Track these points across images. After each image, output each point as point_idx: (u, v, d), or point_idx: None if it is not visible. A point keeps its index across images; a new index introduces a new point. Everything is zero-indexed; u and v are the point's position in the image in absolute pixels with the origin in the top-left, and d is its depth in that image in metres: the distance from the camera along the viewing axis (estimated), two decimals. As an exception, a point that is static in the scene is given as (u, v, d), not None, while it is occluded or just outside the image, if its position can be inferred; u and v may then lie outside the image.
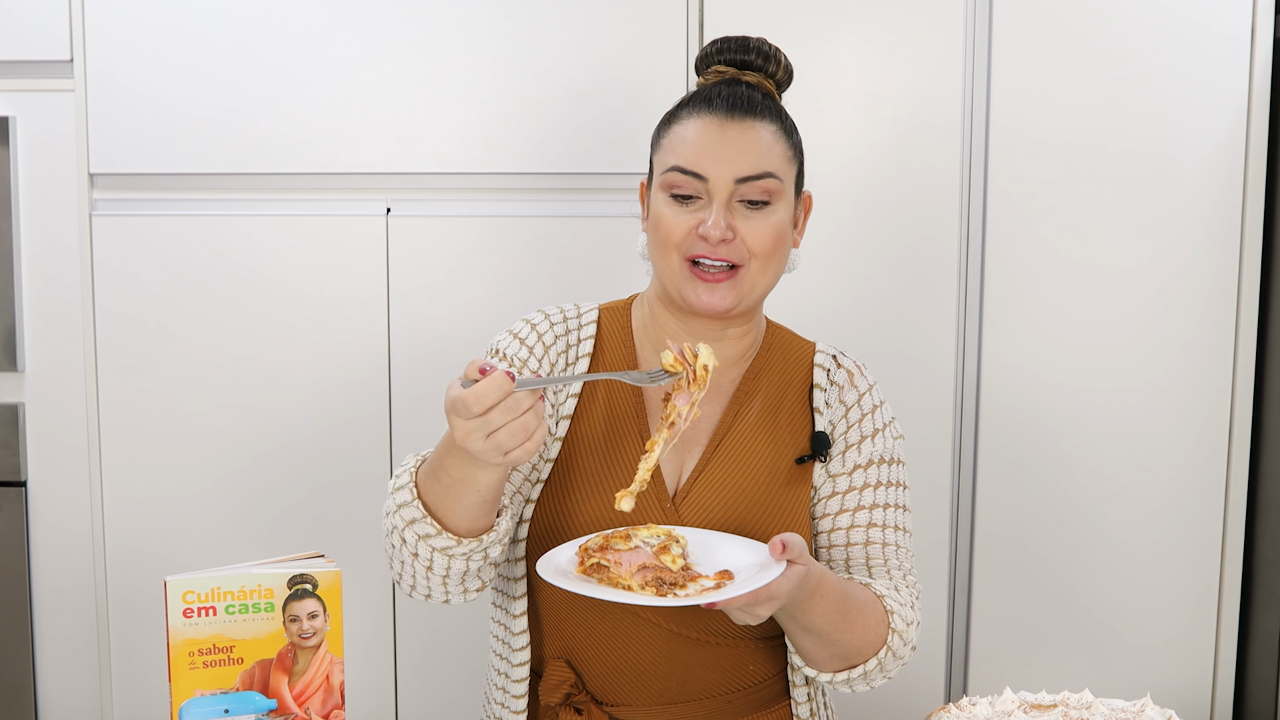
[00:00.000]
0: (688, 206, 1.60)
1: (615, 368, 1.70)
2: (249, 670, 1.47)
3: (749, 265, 1.60)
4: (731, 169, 1.58)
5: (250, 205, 2.41)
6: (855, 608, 1.58)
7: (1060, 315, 2.41)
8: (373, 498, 2.44)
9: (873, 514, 1.68)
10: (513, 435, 1.36)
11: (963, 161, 2.39)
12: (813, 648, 1.59)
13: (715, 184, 1.58)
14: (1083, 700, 1.56)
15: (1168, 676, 2.49)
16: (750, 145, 1.59)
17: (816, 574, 1.50)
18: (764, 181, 1.59)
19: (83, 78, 2.37)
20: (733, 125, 1.60)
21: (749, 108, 1.62)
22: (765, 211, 1.60)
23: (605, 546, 1.48)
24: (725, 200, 1.58)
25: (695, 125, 1.61)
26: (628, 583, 1.44)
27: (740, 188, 1.58)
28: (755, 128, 1.61)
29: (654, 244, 1.63)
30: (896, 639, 1.61)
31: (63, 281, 2.41)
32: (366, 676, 2.48)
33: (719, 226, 1.57)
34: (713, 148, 1.59)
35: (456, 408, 1.34)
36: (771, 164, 1.60)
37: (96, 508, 2.45)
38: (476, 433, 1.35)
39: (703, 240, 1.58)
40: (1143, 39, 2.35)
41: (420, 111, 2.38)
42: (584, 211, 2.40)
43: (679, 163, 1.60)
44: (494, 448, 1.36)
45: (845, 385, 1.71)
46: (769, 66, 1.68)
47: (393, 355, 2.42)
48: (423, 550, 1.52)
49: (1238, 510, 2.45)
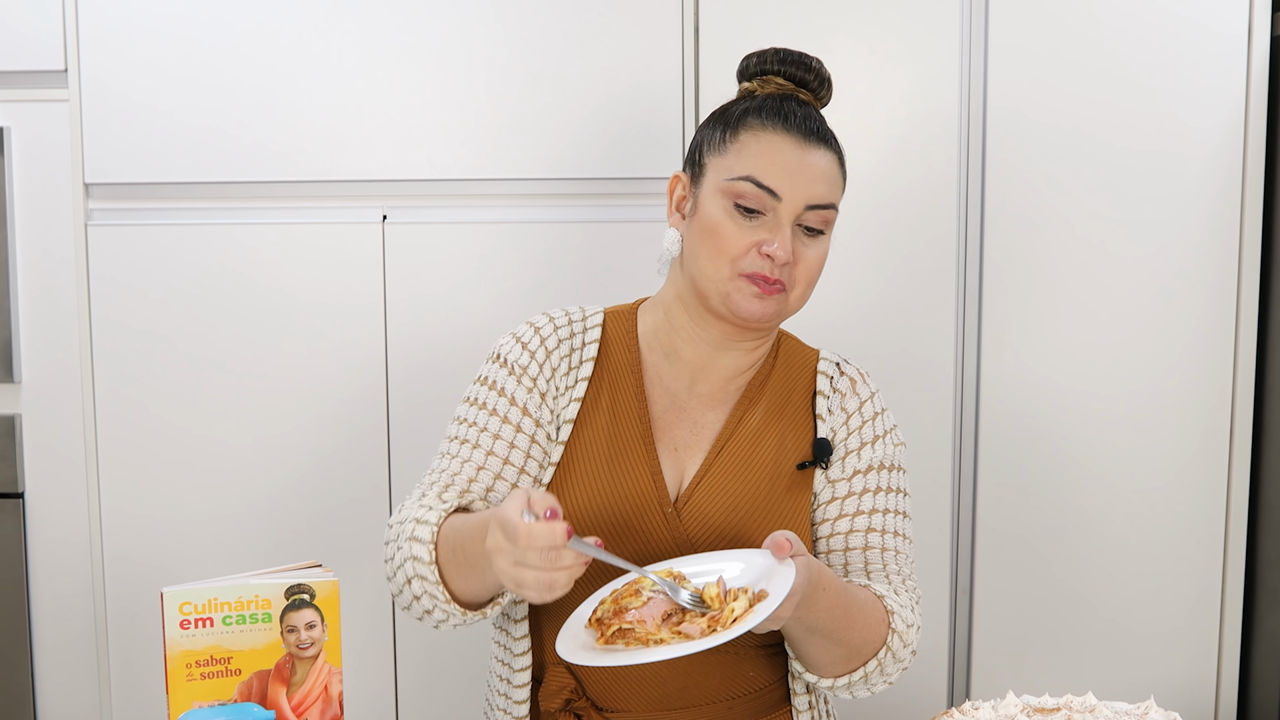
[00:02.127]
0: (750, 220, 1.59)
1: (619, 374, 1.69)
2: (247, 681, 1.46)
3: (793, 291, 1.61)
4: (805, 194, 1.59)
5: (246, 214, 2.41)
6: (856, 604, 1.58)
7: (1060, 315, 2.40)
8: (371, 507, 2.43)
9: (872, 519, 1.67)
10: (536, 580, 1.34)
11: (960, 163, 2.38)
12: (815, 649, 1.59)
13: (787, 206, 1.58)
14: (1086, 703, 1.55)
15: (1171, 677, 2.49)
16: (823, 173, 1.61)
17: (816, 567, 1.51)
18: (827, 212, 1.61)
19: (77, 87, 2.36)
20: (811, 150, 1.61)
21: (823, 136, 1.63)
22: (819, 240, 1.62)
23: (619, 610, 1.46)
24: (791, 223, 1.59)
25: (774, 140, 1.60)
26: (659, 636, 1.42)
27: (806, 214, 1.59)
28: (826, 156, 1.62)
29: (705, 249, 1.61)
30: (896, 639, 1.61)
31: (59, 292, 2.40)
32: (367, 686, 2.47)
33: (786, 250, 1.57)
34: (792, 168, 1.59)
35: (505, 528, 1.33)
36: (834, 195, 1.63)
37: (94, 518, 2.44)
38: (507, 556, 1.34)
39: (766, 259, 1.58)
40: (1139, 38, 2.34)
41: (416, 119, 2.38)
42: (582, 217, 2.40)
43: (755, 175, 1.58)
44: (513, 577, 1.35)
45: (847, 393, 1.71)
46: (821, 91, 1.69)
47: (390, 363, 2.42)
48: (426, 602, 1.55)
49: (1239, 510, 2.45)
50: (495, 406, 1.65)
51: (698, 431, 1.67)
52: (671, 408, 1.68)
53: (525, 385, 1.66)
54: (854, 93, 2.37)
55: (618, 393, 1.68)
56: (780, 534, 1.45)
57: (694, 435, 1.67)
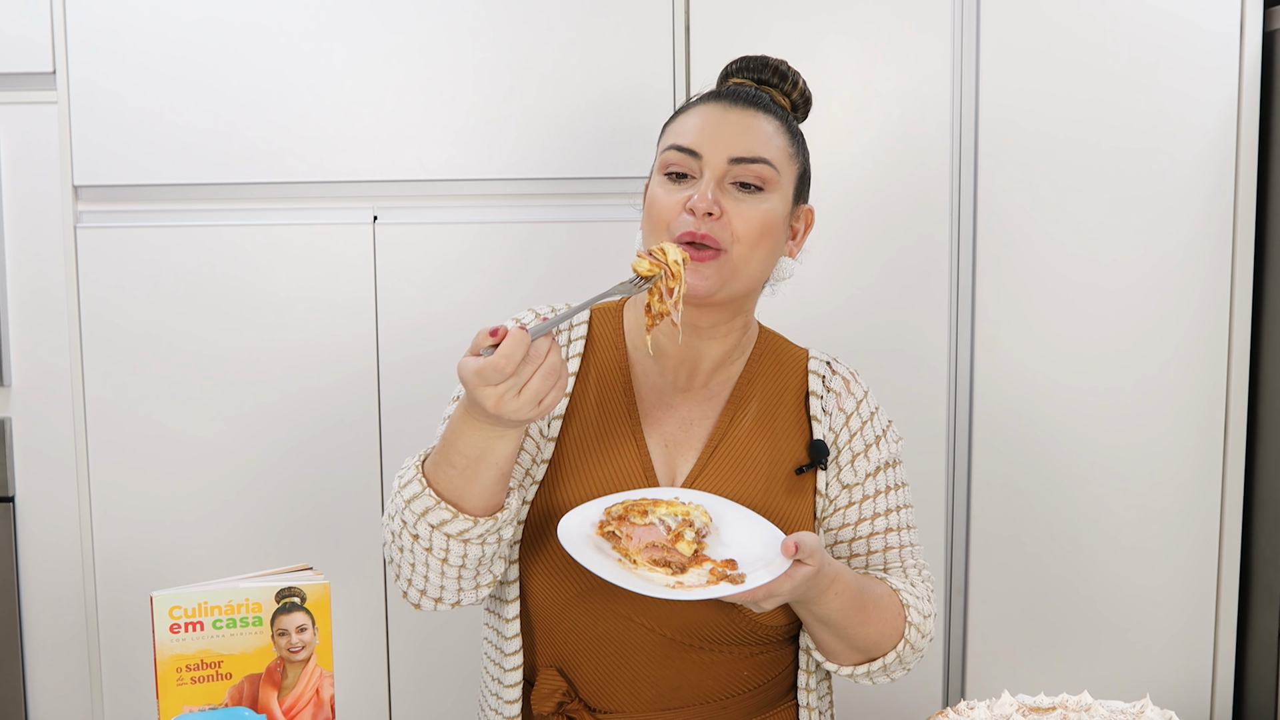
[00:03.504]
0: (681, 185, 1.60)
1: (607, 370, 1.69)
2: (238, 685, 1.45)
3: (732, 250, 1.58)
4: (726, 148, 1.58)
5: (236, 215, 2.40)
6: (871, 602, 1.59)
7: (1053, 312, 2.40)
8: (364, 508, 2.42)
9: (888, 519, 1.70)
10: (545, 380, 1.39)
11: (953, 160, 2.38)
12: (829, 640, 1.61)
13: (709, 160, 1.58)
14: (1082, 702, 1.55)
15: (1166, 675, 2.48)
16: (748, 129, 1.60)
17: (830, 572, 1.52)
18: (758, 166, 1.59)
19: (65, 89, 2.35)
20: (735, 110, 1.61)
21: (754, 101, 1.63)
22: (757, 197, 1.59)
23: (624, 517, 1.51)
24: (718, 178, 1.58)
25: (699, 111, 1.63)
26: (634, 557, 1.47)
27: (734, 168, 1.58)
28: (758, 117, 1.62)
29: (647, 227, 1.63)
30: (914, 632, 1.63)
31: (48, 295, 2.39)
32: (359, 690, 2.47)
33: (705, 199, 1.56)
34: (710, 127, 1.60)
35: (486, 375, 1.36)
36: (769, 152, 1.60)
37: (85, 522, 2.43)
38: (510, 393, 1.37)
39: (689, 214, 1.56)
40: (1132, 35, 2.34)
41: (407, 119, 2.37)
42: (572, 217, 2.39)
43: (676, 141, 1.60)
44: (530, 401, 1.39)
45: (842, 393, 1.71)
46: (784, 85, 1.70)
47: (381, 364, 2.41)
48: (438, 541, 1.52)
49: (1234, 507, 2.44)
50: None
51: (687, 429, 1.67)
52: (659, 403, 1.67)
53: None
54: (846, 91, 2.37)
55: (605, 387, 1.68)
56: (800, 537, 1.47)
57: (684, 432, 1.66)
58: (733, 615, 1.61)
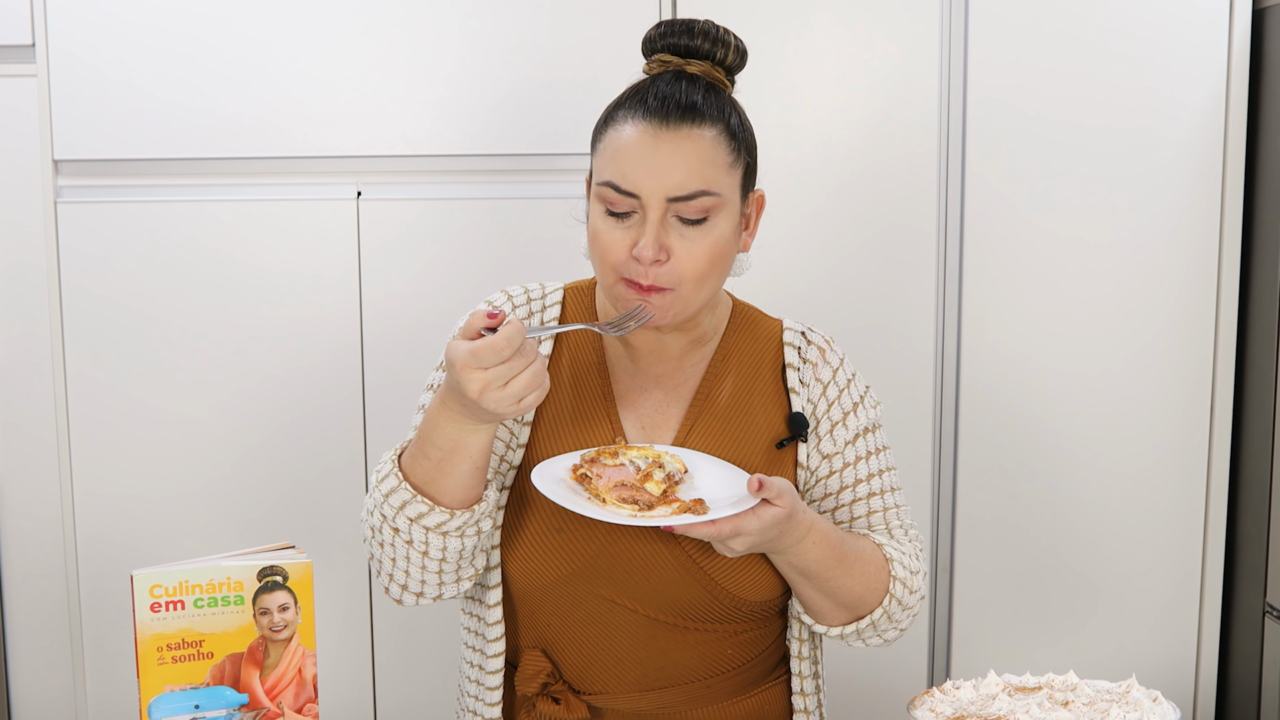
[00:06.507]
0: (623, 223, 1.53)
1: (581, 352, 1.68)
2: (219, 665, 1.44)
3: (680, 289, 1.54)
4: (663, 187, 1.51)
5: (219, 190, 2.38)
6: (853, 555, 1.59)
7: (1040, 292, 2.40)
8: (347, 485, 2.41)
9: (870, 484, 1.68)
10: (531, 379, 1.39)
11: (940, 139, 2.37)
12: (813, 596, 1.60)
13: (647, 202, 1.51)
14: (1068, 682, 1.55)
15: (1151, 654, 2.49)
16: (684, 159, 1.51)
17: (806, 520, 1.51)
18: (698, 201, 1.52)
19: (45, 63, 2.32)
20: (666, 135, 1.51)
21: (685, 112, 1.53)
22: (703, 229, 1.53)
23: (595, 460, 1.52)
24: (659, 218, 1.51)
25: (629, 133, 1.53)
26: (603, 496, 1.47)
27: (674, 205, 1.51)
28: (691, 136, 1.52)
29: (594, 255, 1.58)
30: (900, 586, 1.62)
31: (28, 270, 2.37)
32: (342, 669, 2.46)
33: (651, 248, 1.50)
34: (645, 162, 1.51)
35: (481, 356, 1.36)
36: (707, 179, 1.52)
37: (66, 499, 2.42)
38: (496, 382, 1.37)
39: (635, 261, 1.52)
40: (1121, 12, 2.33)
41: (391, 94, 2.35)
42: (557, 193, 2.37)
43: (612, 179, 1.52)
44: (512, 396, 1.38)
45: (818, 362, 1.70)
46: (716, 51, 1.59)
47: (365, 341, 2.40)
48: (417, 534, 1.51)
49: (1219, 487, 2.45)
50: None
51: (663, 409, 1.66)
52: (634, 384, 1.66)
53: None
54: (833, 70, 2.36)
55: (578, 367, 1.66)
56: (767, 478, 1.46)
57: (660, 412, 1.65)
58: (714, 592, 1.60)
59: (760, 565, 1.60)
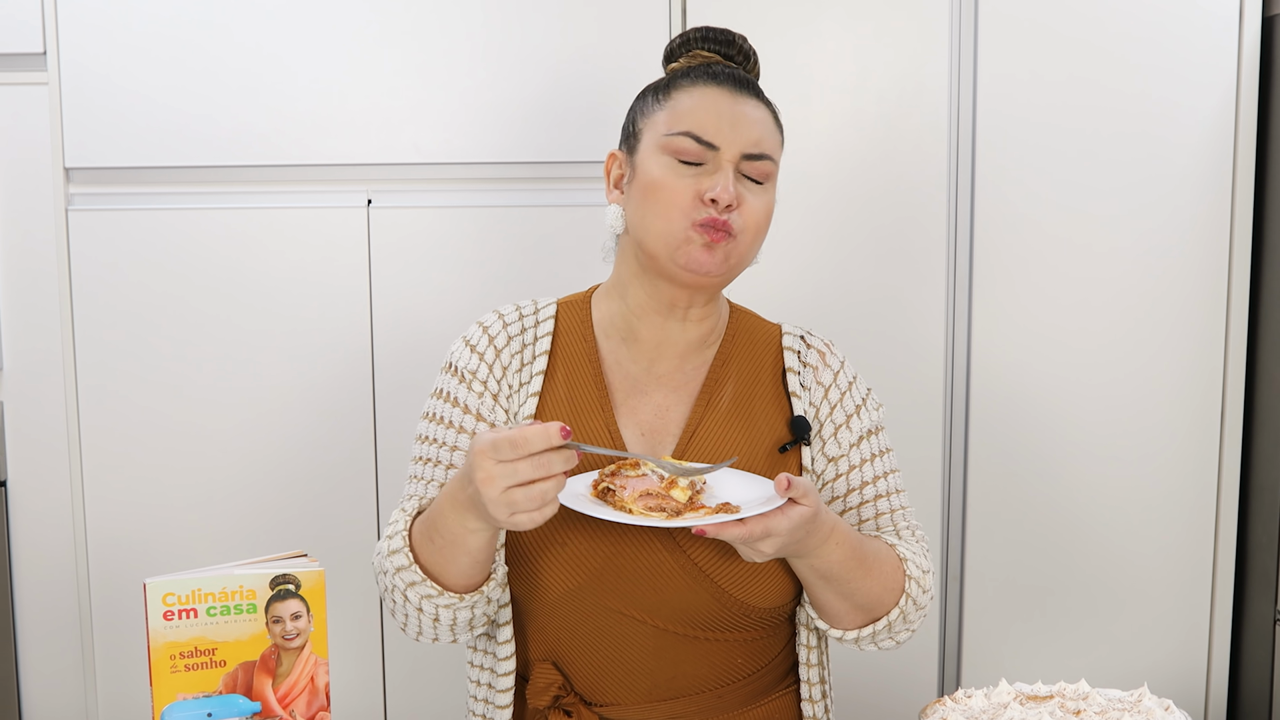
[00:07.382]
0: (691, 171, 1.59)
1: (575, 362, 1.67)
2: (232, 673, 1.45)
3: (740, 238, 1.59)
4: (741, 142, 1.58)
5: (229, 198, 2.38)
6: (871, 555, 1.59)
7: (1050, 298, 2.39)
8: (359, 493, 2.41)
9: (876, 486, 1.69)
10: (529, 498, 1.35)
11: (950, 144, 2.37)
12: (832, 599, 1.60)
13: (725, 154, 1.58)
14: (1079, 691, 1.55)
15: (1162, 660, 2.48)
16: (756, 123, 1.60)
17: (829, 520, 1.52)
18: (763, 163, 1.60)
19: (56, 71, 2.33)
20: (742, 100, 1.61)
21: (752, 88, 1.63)
22: (763, 189, 1.61)
23: (615, 473, 1.51)
24: (733, 170, 1.59)
25: (707, 93, 1.61)
26: (629, 506, 1.46)
27: (744, 164, 1.59)
28: (759, 107, 1.62)
29: (652, 208, 1.60)
30: (914, 585, 1.63)
31: (40, 278, 2.38)
32: (354, 677, 2.46)
33: (729, 192, 1.56)
34: (726, 117, 1.59)
35: (499, 448, 1.34)
36: (770, 147, 1.61)
37: (78, 507, 2.42)
38: (500, 479, 1.34)
39: (711, 204, 1.57)
40: (1132, 18, 2.33)
41: (401, 102, 2.35)
42: (567, 200, 2.38)
43: (692, 129, 1.58)
44: (507, 503, 1.35)
45: (819, 365, 1.71)
46: (747, 64, 1.70)
47: (376, 348, 2.40)
48: (427, 607, 1.55)
49: (1230, 494, 2.44)
50: (451, 419, 1.65)
51: (663, 416, 1.66)
52: (633, 392, 1.66)
53: (477, 390, 1.65)
54: (844, 75, 2.36)
55: (575, 382, 1.66)
56: (797, 479, 1.46)
57: (659, 420, 1.65)
58: (722, 600, 1.60)
59: (767, 571, 1.60)
